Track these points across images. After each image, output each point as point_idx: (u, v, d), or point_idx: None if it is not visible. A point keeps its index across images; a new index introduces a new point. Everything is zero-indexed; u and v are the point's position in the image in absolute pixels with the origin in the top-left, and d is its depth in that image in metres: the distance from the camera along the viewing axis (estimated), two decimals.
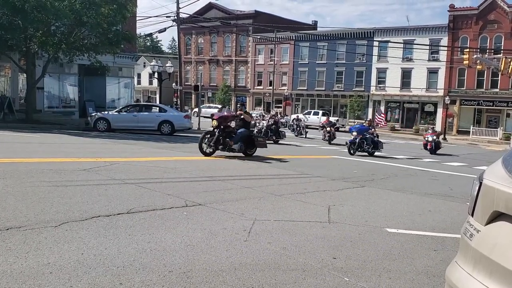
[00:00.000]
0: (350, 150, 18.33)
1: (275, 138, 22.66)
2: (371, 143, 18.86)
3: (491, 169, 2.40)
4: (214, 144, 13.22)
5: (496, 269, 2.03)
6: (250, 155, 14.06)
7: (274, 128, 22.96)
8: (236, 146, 13.29)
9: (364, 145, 18.56)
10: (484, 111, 46.20)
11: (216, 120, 13.35)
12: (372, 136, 19.19)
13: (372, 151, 18.96)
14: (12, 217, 5.03)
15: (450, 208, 8.06)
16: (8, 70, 28.22)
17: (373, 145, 18.92)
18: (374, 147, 19.01)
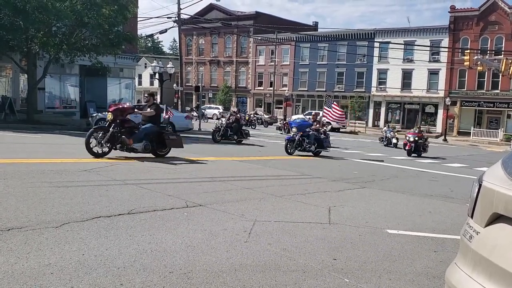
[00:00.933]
0: (288, 149, 16.06)
1: (237, 137, 20.55)
2: (314, 141, 16.56)
3: (491, 171, 2.40)
4: (110, 142, 10.96)
5: (495, 270, 2.04)
6: (162, 155, 12.05)
7: (235, 127, 20.48)
8: (138, 145, 11.23)
9: (305, 143, 16.26)
10: (484, 112, 46.18)
11: (111, 112, 11.03)
12: (316, 133, 16.84)
13: (317, 150, 16.77)
14: (13, 217, 5.04)
15: (450, 209, 8.06)
16: (9, 71, 28.25)
17: (317, 144, 16.68)
18: (319, 145, 16.74)
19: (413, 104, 50.03)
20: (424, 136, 22.67)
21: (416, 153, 21.43)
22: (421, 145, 21.69)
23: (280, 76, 58.15)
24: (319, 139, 16.87)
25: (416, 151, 21.42)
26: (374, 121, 52.20)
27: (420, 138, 21.85)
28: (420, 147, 21.63)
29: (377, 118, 52.14)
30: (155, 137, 11.83)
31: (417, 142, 21.50)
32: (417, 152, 21.47)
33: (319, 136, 17.00)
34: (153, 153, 11.89)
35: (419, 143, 21.61)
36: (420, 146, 21.60)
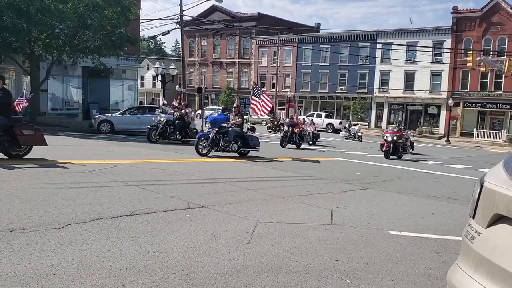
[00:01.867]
0: (198, 149, 13.53)
1: (181, 137, 17.92)
2: (237, 139, 14.24)
3: (493, 172, 2.40)
4: None
5: (497, 271, 2.03)
6: (19, 156, 9.82)
7: (178, 125, 17.64)
8: None
9: (222, 142, 13.76)
10: (487, 113, 46.09)
11: None
12: (238, 130, 14.37)
13: (241, 150, 14.51)
14: (16, 219, 5.05)
15: (453, 211, 8.05)
16: (12, 73, 28.33)
17: (241, 142, 14.40)
18: (243, 144, 14.46)
19: (415, 105, 49.97)
20: (404, 136, 20.11)
21: (396, 154, 19.19)
22: (400, 146, 19.28)
23: (282, 78, 58.16)
24: (244, 137, 14.59)
25: (395, 152, 19.12)
26: (377, 122, 52.15)
27: (399, 138, 19.34)
28: (400, 148, 19.27)
29: (379, 119, 52.08)
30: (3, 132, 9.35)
31: (396, 142, 19.09)
32: (397, 154, 19.21)
33: (243, 133, 14.64)
34: (4, 153, 9.61)
35: (398, 144, 19.21)
36: (399, 146, 19.22)
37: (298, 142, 21.82)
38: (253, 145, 14.76)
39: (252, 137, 14.96)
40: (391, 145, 18.94)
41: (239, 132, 14.41)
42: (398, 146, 19.17)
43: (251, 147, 14.72)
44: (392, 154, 19.01)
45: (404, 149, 19.61)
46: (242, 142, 14.40)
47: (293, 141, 21.58)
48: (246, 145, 14.57)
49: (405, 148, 19.74)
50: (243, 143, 14.45)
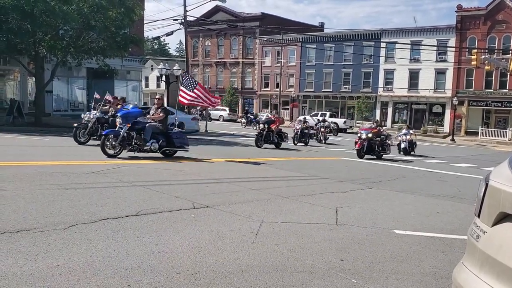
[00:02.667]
0: (105, 148, 11.48)
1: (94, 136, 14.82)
2: (157, 137, 12.29)
3: (498, 170, 2.39)
4: None
5: (502, 270, 2.03)
6: None
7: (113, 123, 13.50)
8: None
9: (135, 140, 11.84)
10: (492, 112, 45.89)
11: None
12: (158, 126, 12.42)
13: (165, 150, 12.63)
14: (22, 219, 5.08)
15: (458, 210, 8.02)
16: (17, 74, 28.50)
17: (165, 140, 12.45)
18: (167, 143, 12.49)
19: (420, 104, 49.81)
20: (382, 133, 18.68)
21: (371, 153, 17.67)
22: (376, 144, 17.63)
23: (286, 77, 58.12)
24: (168, 135, 12.61)
25: (370, 151, 17.58)
26: (381, 122, 52.01)
27: (376, 135, 17.82)
28: (375, 146, 17.62)
29: (384, 118, 51.94)
30: None
31: (372, 140, 17.49)
32: (373, 153, 17.67)
33: (166, 130, 12.69)
34: None
35: (374, 142, 17.60)
36: (375, 145, 17.59)
37: (277, 141, 20.04)
38: (180, 144, 12.83)
39: (178, 135, 12.93)
40: (365, 143, 17.37)
41: (160, 129, 12.45)
42: (373, 144, 17.53)
43: (177, 147, 12.82)
44: (367, 153, 17.54)
45: (383, 148, 18.01)
46: (166, 140, 12.49)
47: (270, 140, 19.81)
48: (170, 145, 12.62)
49: (384, 147, 18.09)
50: (168, 142, 12.53)
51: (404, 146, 21.55)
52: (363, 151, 17.46)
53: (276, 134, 20.16)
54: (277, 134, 20.24)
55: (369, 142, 17.46)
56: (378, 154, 17.90)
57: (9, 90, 29.51)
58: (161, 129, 12.50)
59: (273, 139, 19.95)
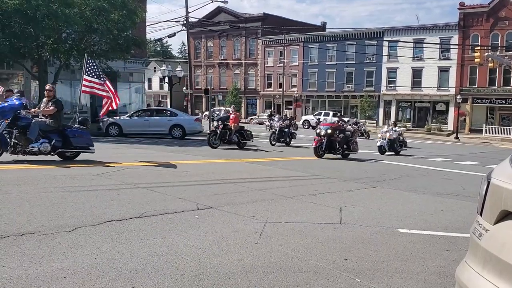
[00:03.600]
0: None
1: None
2: (49, 135, 10.37)
3: (499, 168, 2.39)
4: None
5: (505, 268, 2.02)
6: None
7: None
8: None
9: (12, 140, 9.83)
10: (496, 109, 45.73)
11: None
12: (49, 123, 10.45)
13: (61, 151, 10.66)
14: (27, 222, 5.10)
15: (462, 208, 8.00)
16: (21, 78, 28.60)
17: (61, 140, 10.50)
18: (64, 143, 10.56)
19: (423, 102, 49.72)
20: (347, 129, 16.68)
21: (333, 152, 15.68)
22: (337, 141, 15.53)
23: (289, 77, 58.11)
24: (64, 133, 10.60)
25: (330, 149, 15.55)
26: (385, 120, 51.78)
27: (339, 132, 15.82)
28: (336, 144, 15.52)
29: (387, 117, 51.81)
30: None
31: (332, 136, 15.40)
32: (334, 151, 15.69)
33: (60, 127, 10.64)
34: None
35: (336, 139, 15.52)
36: (335, 142, 15.49)
37: (238, 141, 17.93)
38: (80, 144, 10.83)
39: (78, 133, 10.83)
40: (324, 140, 15.33)
41: (52, 126, 10.44)
42: (334, 141, 15.48)
43: (76, 148, 10.84)
44: (327, 151, 15.56)
45: (348, 146, 16.15)
46: (63, 140, 10.51)
47: (227, 139, 17.66)
48: (67, 144, 10.61)
49: (349, 144, 16.21)
50: (64, 142, 10.53)
51: (381, 144, 19.61)
52: (321, 149, 15.50)
53: (236, 133, 17.95)
54: (238, 132, 18.04)
55: (329, 139, 15.43)
56: (343, 153, 16.19)
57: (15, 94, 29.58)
58: (54, 126, 10.48)
59: (232, 138, 17.77)
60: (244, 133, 18.31)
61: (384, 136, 19.92)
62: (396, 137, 20.08)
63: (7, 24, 20.57)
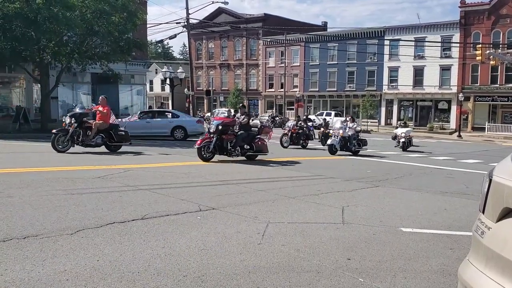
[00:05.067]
0: None
1: None
2: None
3: (501, 165, 2.38)
4: None
5: (508, 266, 2.01)
6: None
7: None
8: None
9: None
10: (499, 107, 45.61)
11: None
12: None
13: None
14: (29, 225, 5.10)
15: (466, 206, 7.97)
16: (23, 81, 28.68)
17: None
18: None
19: (425, 101, 49.65)
20: (250, 124, 13.97)
21: (226, 152, 13.05)
22: (228, 140, 12.99)
23: (290, 77, 58.11)
24: None
25: (221, 150, 12.95)
26: (387, 119, 51.90)
27: (243, 127, 13.37)
28: (228, 143, 12.99)
29: (389, 116, 51.84)
30: None
31: (224, 134, 12.86)
32: (226, 152, 13.07)
33: None
34: None
35: (228, 137, 12.98)
36: (226, 141, 12.98)
37: (106, 144, 14.42)
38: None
39: None
40: (214, 137, 12.63)
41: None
42: (226, 140, 12.92)
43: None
44: (219, 152, 12.91)
45: (251, 146, 13.43)
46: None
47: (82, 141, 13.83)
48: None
49: (253, 144, 13.43)
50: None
51: (332, 142, 17.52)
52: (207, 151, 12.68)
53: (103, 133, 14.43)
54: (105, 132, 14.57)
55: (221, 137, 12.87)
56: (245, 154, 13.40)
57: (15, 97, 29.70)
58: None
59: (92, 140, 14.00)
60: (115, 134, 14.62)
61: (337, 133, 17.77)
62: (352, 134, 17.89)
63: (8, 27, 20.64)
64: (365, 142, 18.55)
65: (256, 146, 13.56)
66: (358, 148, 18.10)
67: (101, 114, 14.60)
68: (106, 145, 14.52)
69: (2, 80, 29.13)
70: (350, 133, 17.76)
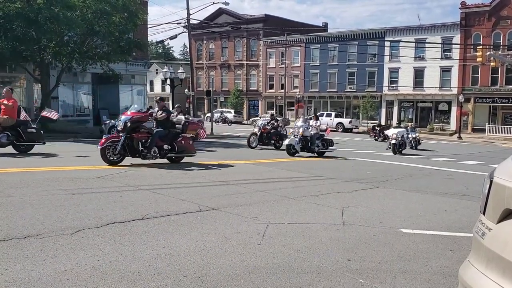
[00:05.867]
0: None
1: None
2: None
3: (502, 167, 2.38)
4: None
5: (508, 267, 2.01)
6: None
7: None
8: None
9: None
10: (499, 108, 45.57)
11: None
12: None
13: None
14: (30, 225, 5.10)
15: (466, 207, 7.98)
16: (23, 81, 28.64)
17: None
18: None
19: (426, 102, 49.60)
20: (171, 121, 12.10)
21: (139, 155, 11.07)
22: (140, 140, 11.01)
23: (291, 78, 58.09)
24: None
25: (132, 151, 10.96)
26: (387, 121, 51.79)
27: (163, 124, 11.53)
28: (138, 144, 10.98)
29: (390, 117, 51.76)
30: None
31: (135, 132, 10.97)
32: (139, 154, 11.08)
33: None
34: None
35: (139, 135, 11.01)
36: (138, 140, 10.98)
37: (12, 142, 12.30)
38: None
39: None
40: (121, 138, 10.71)
41: None
42: (137, 140, 10.92)
43: None
44: (131, 154, 10.92)
45: (173, 147, 11.66)
46: None
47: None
48: None
49: (175, 144, 11.74)
50: None
51: (290, 142, 16.44)
52: (113, 152, 10.75)
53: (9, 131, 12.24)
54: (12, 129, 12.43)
55: (131, 135, 10.88)
56: (165, 156, 11.65)
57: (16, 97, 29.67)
58: None
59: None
60: (25, 132, 12.61)
61: (296, 132, 16.37)
62: (315, 133, 16.64)
63: (9, 27, 20.63)
64: (331, 142, 17.24)
65: (179, 146, 11.82)
66: (323, 149, 16.83)
67: (6, 108, 12.27)
68: (13, 145, 12.38)
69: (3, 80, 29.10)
70: (312, 132, 16.55)
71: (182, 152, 12.02)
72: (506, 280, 2.02)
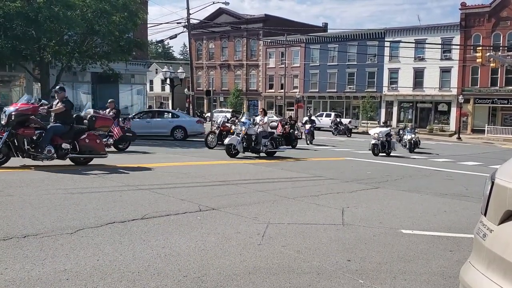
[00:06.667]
0: None
1: None
2: None
3: (503, 168, 2.38)
4: None
5: (510, 268, 2.01)
6: None
7: None
8: None
9: None
10: (499, 109, 45.60)
11: None
12: None
13: None
14: (29, 224, 5.10)
15: (465, 208, 7.98)
16: (23, 80, 28.64)
17: None
18: None
19: (425, 102, 49.63)
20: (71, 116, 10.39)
21: (21, 153, 9.37)
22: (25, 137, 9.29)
23: (290, 78, 58.09)
24: None
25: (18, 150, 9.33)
26: (387, 121, 51.81)
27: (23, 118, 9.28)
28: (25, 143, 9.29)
29: (389, 117, 51.74)
30: None
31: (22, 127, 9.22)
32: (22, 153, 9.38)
33: None
34: None
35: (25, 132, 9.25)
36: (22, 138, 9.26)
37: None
38: None
39: None
40: (5, 132, 9.09)
41: None
42: (19, 136, 9.21)
43: None
44: (21, 154, 9.36)
45: (46, 143, 9.46)
46: None
47: None
48: None
49: (76, 142, 9.94)
50: None
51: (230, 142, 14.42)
52: None
53: None
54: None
55: (16, 131, 9.17)
56: (71, 157, 10.05)
57: (15, 96, 29.64)
58: None
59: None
60: None
61: (239, 130, 14.55)
62: (262, 131, 14.75)
63: (9, 26, 20.62)
64: (281, 141, 15.62)
65: (82, 145, 9.94)
66: (272, 148, 14.97)
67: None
68: None
69: (2, 79, 29.12)
70: (259, 130, 14.55)
71: (86, 152, 10.08)
72: (507, 282, 2.02)
